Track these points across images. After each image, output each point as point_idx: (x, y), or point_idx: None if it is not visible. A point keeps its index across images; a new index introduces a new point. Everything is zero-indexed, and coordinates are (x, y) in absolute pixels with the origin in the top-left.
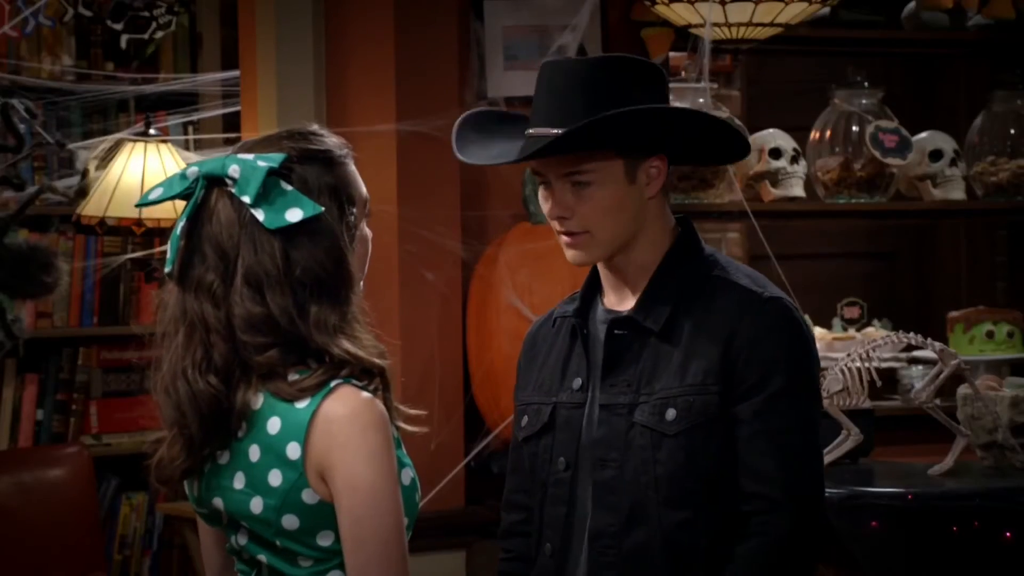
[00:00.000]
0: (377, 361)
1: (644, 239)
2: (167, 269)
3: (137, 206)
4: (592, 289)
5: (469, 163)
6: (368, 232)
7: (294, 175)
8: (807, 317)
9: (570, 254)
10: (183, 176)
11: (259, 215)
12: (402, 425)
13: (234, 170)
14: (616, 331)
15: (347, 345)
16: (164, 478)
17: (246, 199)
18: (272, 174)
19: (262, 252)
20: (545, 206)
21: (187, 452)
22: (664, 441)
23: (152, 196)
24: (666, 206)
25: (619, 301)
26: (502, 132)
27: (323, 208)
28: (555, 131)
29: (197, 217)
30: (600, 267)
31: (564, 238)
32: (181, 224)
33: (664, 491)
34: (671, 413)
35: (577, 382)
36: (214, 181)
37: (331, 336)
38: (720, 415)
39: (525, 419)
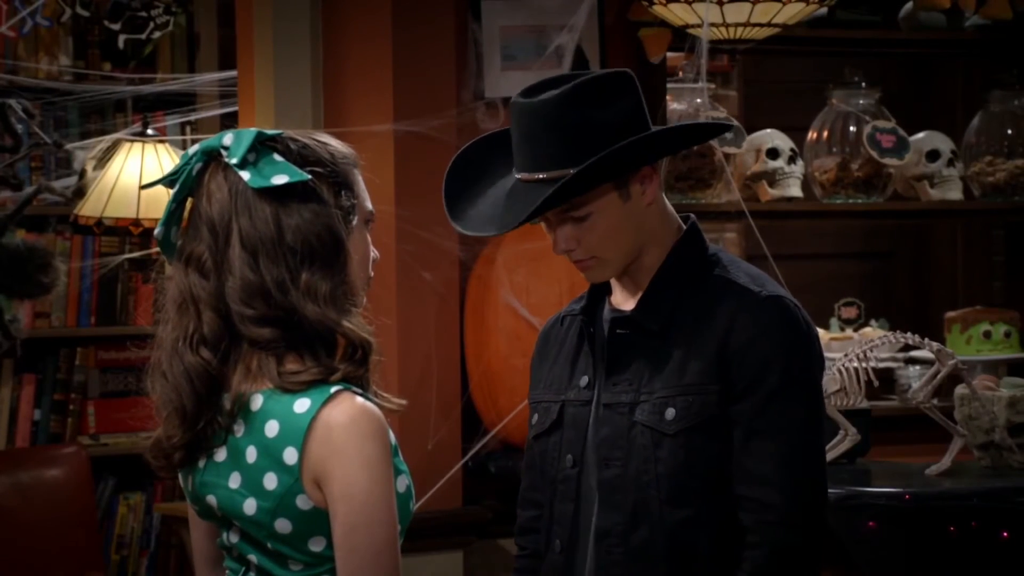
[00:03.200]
0: (365, 336)
1: (648, 241)
2: (156, 231)
3: (142, 188)
4: (600, 288)
5: (471, 234)
6: (368, 238)
7: (289, 151)
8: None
9: (585, 275)
10: (185, 154)
11: (244, 175)
12: (380, 402)
13: (228, 139)
14: (618, 331)
15: (335, 316)
16: (162, 458)
17: (233, 161)
18: (263, 142)
19: (256, 218)
20: (551, 241)
21: (182, 427)
22: (664, 440)
23: (157, 178)
24: (666, 206)
25: (624, 299)
26: (488, 175)
27: (310, 176)
28: (540, 175)
29: (192, 196)
30: None
31: (576, 264)
32: (174, 191)
33: (665, 490)
34: (670, 412)
35: (584, 380)
36: (211, 154)
37: (321, 305)
38: (719, 414)
39: (536, 417)
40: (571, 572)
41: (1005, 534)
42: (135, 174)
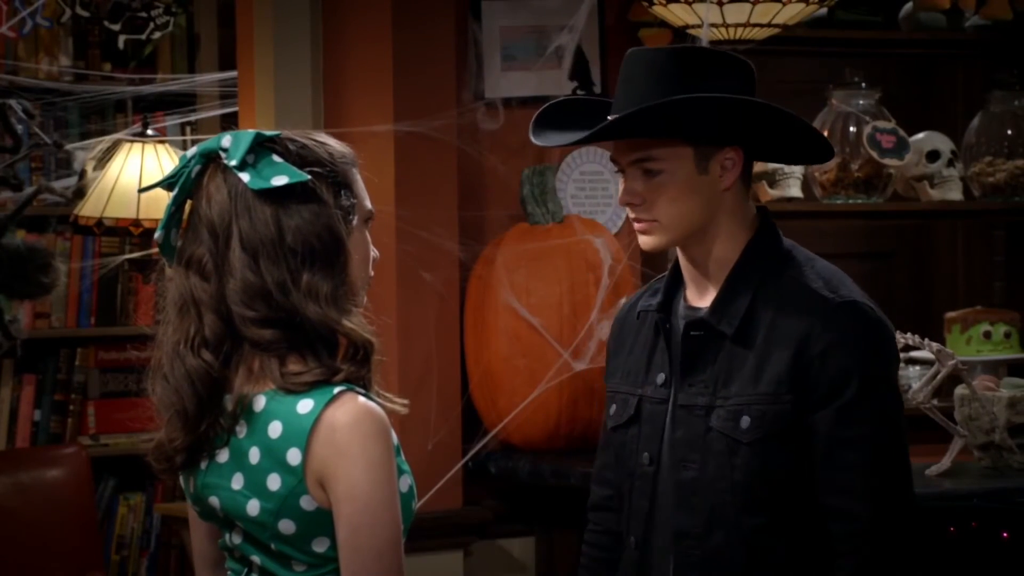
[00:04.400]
0: (367, 336)
1: (721, 232)
2: (156, 235)
3: (140, 191)
4: (674, 281)
5: (541, 145)
6: (368, 238)
7: (287, 152)
8: None
9: (640, 240)
10: (183, 157)
11: (244, 177)
12: (383, 402)
13: (227, 140)
14: (692, 332)
15: (336, 316)
16: (164, 461)
17: (232, 163)
18: (262, 143)
19: (256, 219)
20: (619, 191)
21: (184, 430)
22: (740, 448)
23: (155, 181)
24: (745, 199)
25: (699, 295)
26: (583, 120)
27: (309, 176)
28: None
29: (192, 198)
30: (680, 260)
31: (636, 225)
32: (173, 194)
33: (741, 496)
34: (745, 421)
35: (660, 377)
36: (210, 157)
37: (322, 306)
38: (795, 423)
39: (614, 407)
40: (646, 568)
41: (1005, 534)
42: (135, 174)
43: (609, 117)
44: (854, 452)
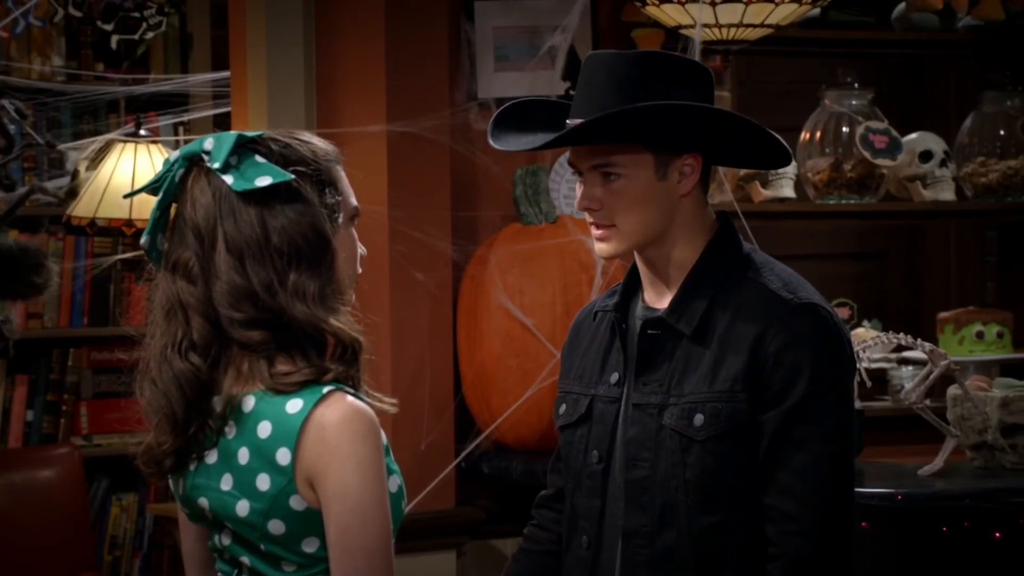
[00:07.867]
0: (354, 335)
1: (679, 236)
2: (142, 240)
3: (125, 197)
4: (632, 283)
5: (500, 149)
6: (355, 235)
7: (271, 152)
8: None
9: (597, 247)
10: (166, 161)
11: (228, 179)
12: (372, 402)
13: (209, 143)
14: (649, 331)
15: (323, 315)
16: (153, 464)
17: (215, 165)
18: (244, 145)
19: (241, 221)
20: (576, 198)
21: (173, 433)
22: (693, 446)
23: (140, 186)
24: (704, 204)
25: (657, 298)
26: (542, 122)
27: (293, 176)
28: (583, 121)
29: (176, 202)
30: (638, 263)
31: (594, 231)
32: (157, 199)
33: (694, 494)
34: (699, 419)
35: (614, 377)
36: (193, 160)
37: (310, 305)
38: (749, 422)
39: (563, 407)
40: (598, 568)
41: (998, 535)
42: (128, 175)
43: (568, 120)
44: (797, 453)
